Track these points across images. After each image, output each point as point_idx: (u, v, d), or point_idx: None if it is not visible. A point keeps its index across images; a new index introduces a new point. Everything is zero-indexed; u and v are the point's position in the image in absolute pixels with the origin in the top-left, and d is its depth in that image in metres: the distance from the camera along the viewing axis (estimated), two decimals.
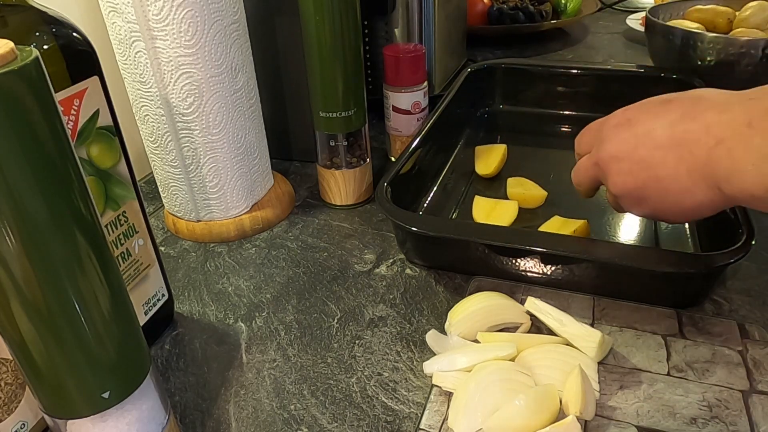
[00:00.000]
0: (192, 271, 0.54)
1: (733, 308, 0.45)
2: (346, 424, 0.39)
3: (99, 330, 0.29)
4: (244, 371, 0.43)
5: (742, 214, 0.44)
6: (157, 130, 0.53)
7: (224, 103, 0.53)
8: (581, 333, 0.41)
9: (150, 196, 0.67)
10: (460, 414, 0.37)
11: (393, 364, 0.43)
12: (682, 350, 0.42)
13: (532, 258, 0.47)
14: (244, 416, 0.40)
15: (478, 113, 0.76)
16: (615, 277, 0.46)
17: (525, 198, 0.59)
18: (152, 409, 0.33)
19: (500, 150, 0.66)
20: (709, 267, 0.42)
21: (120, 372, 0.31)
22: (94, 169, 0.39)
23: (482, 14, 1.07)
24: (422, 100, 0.66)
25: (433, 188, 0.63)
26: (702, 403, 0.38)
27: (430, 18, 0.74)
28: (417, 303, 0.48)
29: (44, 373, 0.29)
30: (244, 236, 0.58)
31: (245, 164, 0.57)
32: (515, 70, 0.76)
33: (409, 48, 0.64)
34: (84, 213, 0.27)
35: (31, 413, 0.36)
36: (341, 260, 0.54)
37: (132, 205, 0.42)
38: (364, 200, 0.63)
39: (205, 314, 0.49)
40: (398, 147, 0.68)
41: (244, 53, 0.54)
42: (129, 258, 0.42)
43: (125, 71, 0.52)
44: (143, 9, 0.47)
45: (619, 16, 1.19)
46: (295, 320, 0.48)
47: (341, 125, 0.58)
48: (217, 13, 0.49)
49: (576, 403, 0.36)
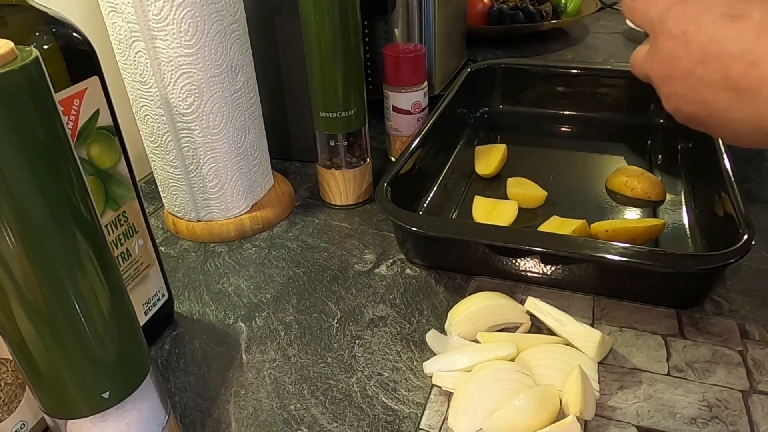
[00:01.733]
0: (192, 271, 0.54)
1: (733, 308, 0.45)
2: (346, 424, 0.39)
3: (99, 330, 0.29)
4: (244, 371, 0.43)
5: (742, 214, 0.44)
6: (157, 130, 0.53)
7: (224, 103, 0.53)
8: (581, 333, 0.41)
9: (150, 196, 0.67)
10: (460, 414, 0.37)
11: (393, 364, 0.43)
12: (682, 350, 0.42)
13: (532, 258, 0.47)
14: (244, 416, 0.40)
15: (478, 113, 0.76)
16: (615, 277, 0.46)
17: (525, 198, 0.59)
18: (152, 409, 0.33)
19: (500, 150, 0.66)
20: (709, 267, 0.42)
21: (120, 372, 0.31)
22: (94, 169, 0.39)
23: (482, 14, 1.07)
24: (422, 100, 0.66)
25: (433, 188, 0.63)
26: (702, 403, 0.38)
27: (430, 18, 0.74)
28: (417, 303, 0.48)
29: (44, 373, 0.29)
30: (244, 236, 0.58)
31: (245, 164, 0.57)
32: (515, 70, 0.76)
33: (409, 48, 0.64)
34: (84, 213, 0.27)
35: (31, 413, 0.36)
36: (341, 260, 0.54)
37: (132, 205, 0.42)
38: (364, 200, 0.63)
39: (205, 314, 0.49)
40: (398, 147, 0.68)
41: (244, 53, 0.54)
42: (129, 258, 0.42)
43: (125, 71, 0.52)
44: (143, 9, 0.47)
45: (619, 16, 1.19)
46: (295, 320, 0.48)
47: (341, 125, 0.58)
48: (217, 13, 0.49)
49: (576, 403, 0.36)
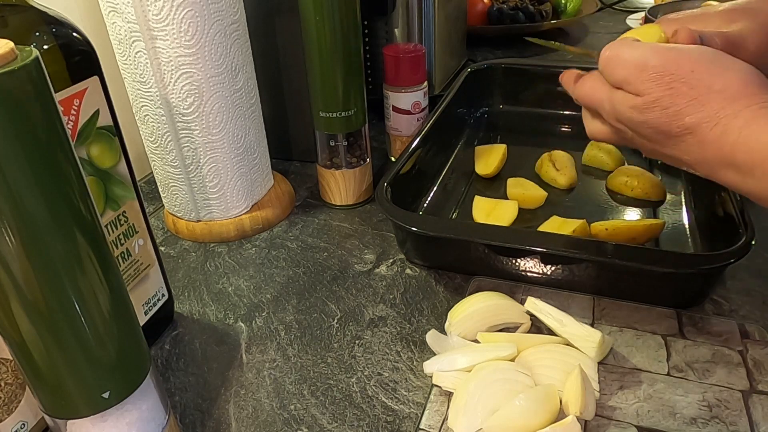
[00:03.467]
0: (192, 271, 0.54)
1: (733, 308, 0.45)
2: (346, 424, 0.39)
3: (99, 330, 0.29)
4: (244, 371, 0.43)
5: (742, 214, 0.44)
6: (157, 130, 0.53)
7: (224, 103, 0.53)
8: (581, 333, 0.41)
9: (150, 196, 0.67)
10: (460, 414, 0.37)
11: (393, 364, 0.43)
12: (682, 350, 0.42)
13: (532, 258, 0.47)
14: (244, 416, 0.40)
15: (478, 113, 0.76)
16: (615, 277, 0.46)
17: (525, 198, 0.59)
18: (152, 409, 0.33)
19: (500, 150, 0.66)
20: (709, 267, 0.42)
21: (120, 372, 0.31)
22: (94, 169, 0.39)
23: (482, 14, 1.07)
24: (422, 100, 0.66)
25: (433, 188, 0.63)
26: (702, 403, 0.38)
27: (430, 18, 0.74)
28: (417, 303, 0.48)
29: (44, 373, 0.29)
30: (244, 236, 0.58)
31: (245, 164, 0.57)
32: (515, 70, 0.76)
33: (409, 48, 0.64)
34: (84, 213, 0.27)
35: (31, 413, 0.36)
36: (341, 260, 0.54)
37: (132, 205, 0.42)
38: (364, 200, 0.63)
39: (205, 314, 0.49)
40: (398, 147, 0.68)
41: (244, 53, 0.54)
42: (129, 258, 0.42)
43: (125, 71, 0.52)
44: (143, 9, 0.47)
45: (619, 16, 1.19)
46: (295, 320, 0.48)
47: (341, 125, 0.58)
48: (217, 13, 0.49)
49: (576, 403, 0.36)
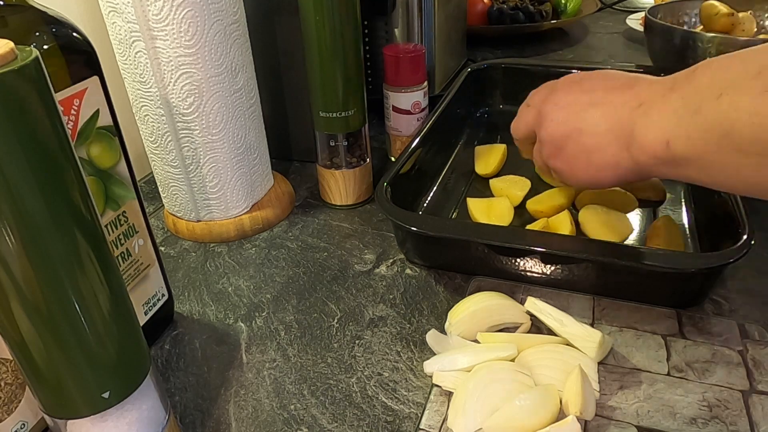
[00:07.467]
0: (192, 271, 0.54)
1: (733, 308, 0.45)
2: (346, 424, 0.39)
3: (99, 330, 0.29)
4: (244, 371, 0.43)
5: (742, 214, 0.44)
6: (157, 130, 0.53)
7: (224, 103, 0.53)
8: (581, 333, 0.41)
9: (150, 196, 0.67)
10: (459, 414, 0.37)
11: (393, 364, 0.43)
12: (682, 350, 0.42)
13: (532, 258, 0.47)
14: (244, 416, 0.40)
15: (478, 113, 0.76)
16: (615, 277, 0.46)
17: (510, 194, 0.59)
18: (152, 409, 0.33)
19: (500, 150, 0.66)
20: (709, 267, 0.42)
21: (120, 372, 0.31)
22: (94, 169, 0.39)
23: (482, 14, 1.07)
24: (422, 100, 0.66)
25: (433, 188, 0.63)
26: (702, 403, 0.38)
27: (430, 18, 0.74)
28: (417, 303, 0.48)
29: (44, 373, 0.29)
30: (244, 236, 0.58)
31: (245, 164, 0.57)
32: (515, 70, 0.76)
33: (409, 48, 0.64)
34: (84, 213, 0.27)
35: (31, 413, 0.36)
36: (341, 260, 0.54)
37: (132, 205, 0.42)
38: (364, 200, 0.63)
39: (205, 314, 0.49)
40: (398, 147, 0.68)
41: (244, 53, 0.54)
42: (129, 258, 0.42)
43: (125, 71, 0.52)
44: (143, 9, 0.47)
45: (619, 16, 1.19)
46: (295, 320, 0.48)
47: (341, 125, 0.58)
48: (217, 13, 0.49)
49: (576, 403, 0.36)
